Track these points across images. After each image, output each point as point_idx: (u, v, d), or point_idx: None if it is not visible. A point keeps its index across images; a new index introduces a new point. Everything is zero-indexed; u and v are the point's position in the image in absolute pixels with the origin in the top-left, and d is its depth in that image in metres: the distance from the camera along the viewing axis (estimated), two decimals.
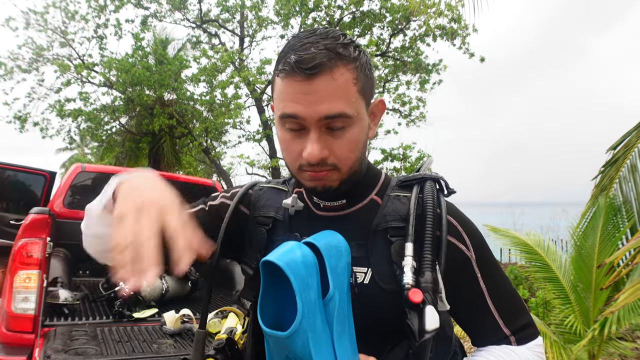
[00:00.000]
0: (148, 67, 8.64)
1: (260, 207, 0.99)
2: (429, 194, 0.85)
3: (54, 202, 3.86)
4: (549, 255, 3.78)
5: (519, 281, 7.89)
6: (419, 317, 0.74)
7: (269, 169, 9.79)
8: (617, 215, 3.38)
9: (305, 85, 0.76)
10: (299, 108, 0.77)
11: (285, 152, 0.85)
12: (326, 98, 0.76)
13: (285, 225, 0.94)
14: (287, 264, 0.71)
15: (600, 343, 3.15)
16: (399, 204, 0.88)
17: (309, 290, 0.72)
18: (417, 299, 0.74)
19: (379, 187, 0.93)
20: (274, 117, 0.87)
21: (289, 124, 0.80)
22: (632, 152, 3.33)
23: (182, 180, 4.80)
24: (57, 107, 9.15)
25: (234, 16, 9.79)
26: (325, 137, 0.79)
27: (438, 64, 9.65)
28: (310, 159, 0.78)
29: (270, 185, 1.03)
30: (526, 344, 0.88)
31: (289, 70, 0.77)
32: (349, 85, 0.78)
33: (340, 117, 0.78)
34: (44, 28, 9.09)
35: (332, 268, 0.77)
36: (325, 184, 0.83)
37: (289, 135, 0.82)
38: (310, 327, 0.71)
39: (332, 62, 0.76)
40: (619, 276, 2.12)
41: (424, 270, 0.77)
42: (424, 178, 0.90)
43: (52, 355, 2.27)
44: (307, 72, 0.75)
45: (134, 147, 11.65)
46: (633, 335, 5.62)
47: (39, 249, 2.72)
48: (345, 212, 0.90)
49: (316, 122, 0.78)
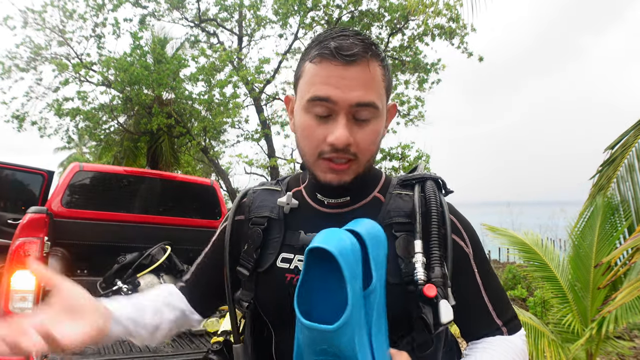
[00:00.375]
0: (146, 66, 8.63)
1: (255, 209, 0.99)
2: (431, 193, 0.89)
3: (52, 201, 3.85)
4: (547, 255, 3.78)
5: (517, 280, 7.91)
6: (433, 310, 0.77)
7: (267, 168, 9.79)
8: (614, 215, 3.39)
9: (343, 70, 0.79)
10: (333, 91, 0.79)
11: (306, 138, 0.85)
12: (361, 86, 0.80)
13: (281, 223, 0.95)
14: (340, 252, 0.67)
15: (598, 342, 3.16)
16: (401, 202, 0.91)
17: (356, 280, 0.69)
18: (432, 293, 0.76)
19: (380, 185, 0.96)
20: (296, 103, 0.89)
21: (318, 107, 0.81)
22: (630, 151, 3.33)
23: (180, 179, 4.80)
24: (55, 106, 9.12)
25: (232, 15, 9.77)
26: (351, 125, 0.81)
27: (436, 63, 9.65)
28: (337, 142, 0.79)
29: (263, 188, 1.04)
30: (515, 333, 0.94)
31: (327, 54, 0.80)
32: (379, 80, 0.83)
33: (370, 106, 0.81)
34: (42, 27, 9.06)
35: (375, 258, 0.75)
36: (341, 178, 0.84)
37: (314, 121, 0.83)
38: (357, 320, 0.69)
39: (368, 55, 0.80)
40: (616, 275, 2.12)
41: (434, 266, 0.81)
42: (424, 178, 0.93)
43: (49, 355, 2.27)
44: (346, 59, 0.79)
45: (132, 147, 11.63)
46: (631, 334, 5.64)
47: (37, 248, 2.72)
48: (349, 208, 0.92)
49: (347, 108, 0.80)
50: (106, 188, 4.22)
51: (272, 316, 0.94)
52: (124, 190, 4.33)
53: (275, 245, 0.93)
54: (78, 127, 9.90)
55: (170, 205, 4.45)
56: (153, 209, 4.29)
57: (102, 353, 2.38)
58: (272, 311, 0.94)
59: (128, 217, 4.07)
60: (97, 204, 4.02)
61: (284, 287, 0.89)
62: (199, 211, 4.55)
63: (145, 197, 4.33)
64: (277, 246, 0.92)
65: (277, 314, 0.92)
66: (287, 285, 0.89)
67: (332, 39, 0.81)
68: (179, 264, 3.78)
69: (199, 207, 4.60)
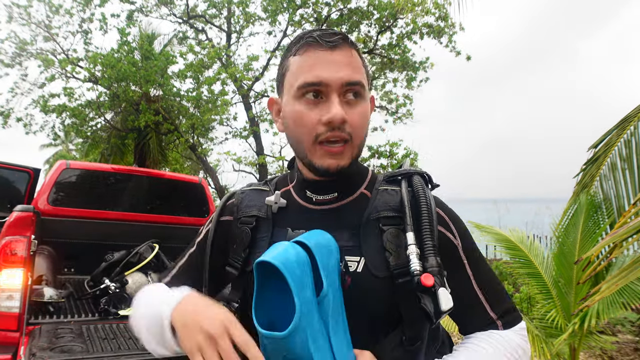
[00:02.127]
0: (134, 62, 8.55)
1: (243, 209, 1.00)
2: (419, 186, 0.90)
3: (38, 199, 3.82)
4: (532, 251, 3.84)
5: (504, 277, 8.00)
6: (432, 299, 0.78)
7: (256, 165, 9.76)
8: (597, 212, 3.45)
9: (329, 54, 0.84)
10: (323, 74, 0.83)
11: (300, 125, 0.86)
12: (347, 66, 0.85)
13: (269, 222, 0.96)
14: (283, 264, 0.71)
15: (581, 337, 3.22)
16: (388, 196, 0.92)
17: (305, 289, 0.73)
18: (429, 282, 0.77)
19: (367, 182, 0.97)
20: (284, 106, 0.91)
21: (309, 92, 0.84)
22: (613, 150, 3.39)
23: (168, 177, 4.78)
24: (41, 102, 9.00)
25: (221, 12, 9.72)
26: (343, 105, 0.84)
27: (425, 61, 9.70)
28: (335, 118, 0.82)
29: (251, 188, 1.04)
30: (512, 327, 0.92)
31: (312, 41, 0.85)
32: (361, 64, 0.89)
33: (358, 85, 0.85)
34: (28, 22, 8.94)
35: (324, 266, 0.78)
36: (339, 162, 0.86)
37: (305, 107, 0.85)
38: (309, 325, 0.72)
39: (349, 43, 0.87)
40: (595, 271, 2.17)
41: (428, 256, 0.81)
42: (410, 173, 0.95)
43: (37, 353, 2.26)
44: (330, 43, 0.84)
45: (120, 144, 11.53)
46: (614, 329, 5.75)
47: (24, 246, 2.70)
48: (337, 204, 0.94)
49: (339, 88, 0.84)
50: (93, 186, 4.19)
51: None
52: (111, 188, 4.31)
53: (263, 244, 0.93)
54: (64, 123, 9.78)
55: (158, 203, 4.43)
56: (141, 207, 4.28)
57: (90, 351, 2.37)
58: None
59: (115, 215, 4.06)
60: (84, 202, 4.00)
61: None
62: (187, 209, 4.54)
63: (133, 195, 4.31)
64: (265, 245, 0.92)
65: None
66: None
67: (313, 31, 0.86)
68: (167, 262, 3.78)
69: (187, 205, 4.59)
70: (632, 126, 3.28)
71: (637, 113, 3.23)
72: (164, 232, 4.10)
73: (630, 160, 3.26)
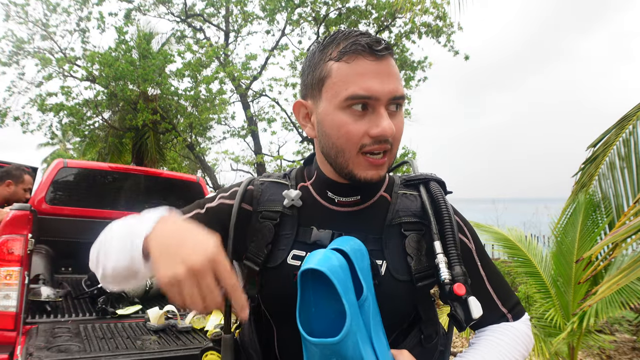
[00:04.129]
0: (131, 61, 8.53)
1: (265, 202, 0.97)
2: (439, 194, 0.92)
3: (36, 198, 3.81)
4: (530, 251, 3.85)
5: None
6: (462, 307, 0.81)
7: (254, 165, 9.75)
8: (596, 212, 3.46)
9: (378, 65, 0.82)
10: (374, 87, 0.81)
11: (345, 135, 0.84)
12: (394, 78, 0.83)
13: (294, 219, 0.94)
14: (330, 270, 0.72)
15: (580, 336, 3.22)
16: (407, 202, 0.95)
17: (349, 293, 0.74)
18: (462, 292, 0.80)
19: (385, 185, 0.98)
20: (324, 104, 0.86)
21: (357, 104, 0.82)
22: (611, 149, 3.40)
23: (166, 176, 4.76)
24: (38, 101, 8.98)
25: (219, 11, 9.71)
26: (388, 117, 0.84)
27: (423, 61, 9.70)
28: (386, 133, 0.81)
29: (271, 180, 1.02)
30: (520, 318, 0.99)
31: (362, 50, 0.81)
32: (400, 74, 0.88)
33: (402, 98, 0.85)
34: (25, 20, 8.91)
35: (361, 270, 0.80)
36: (380, 173, 0.86)
37: (351, 118, 0.83)
38: (358, 328, 0.73)
39: (391, 52, 0.85)
40: (596, 270, 2.17)
41: (454, 265, 0.84)
42: (427, 179, 0.97)
43: (34, 352, 2.25)
44: (378, 54, 0.81)
45: (117, 143, 11.49)
46: (612, 328, 5.76)
47: (21, 245, 2.68)
48: (359, 207, 0.95)
49: (387, 101, 0.82)
50: (91, 185, 4.18)
51: (276, 312, 0.95)
52: (109, 187, 4.30)
53: (287, 241, 0.93)
54: (62, 122, 9.75)
55: (156, 202, 4.41)
56: (139, 206, 4.24)
57: (87, 350, 2.36)
58: (277, 307, 0.94)
59: (113, 214, 4.03)
60: (82, 200, 3.98)
61: (292, 285, 0.86)
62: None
63: (130, 194, 4.30)
64: (290, 243, 0.92)
65: (282, 310, 0.92)
66: (295, 282, 0.88)
67: (359, 36, 0.83)
68: None
69: (185, 204, 4.55)
70: (630, 125, 3.28)
71: (636, 112, 3.23)
72: None
73: (629, 159, 3.26)
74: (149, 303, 3.31)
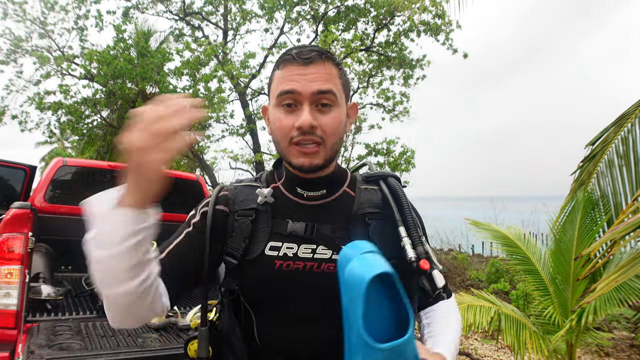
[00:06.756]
0: (130, 59, 8.52)
1: (240, 202, 1.08)
2: (398, 188, 1.06)
3: (35, 196, 3.80)
4: (529, 248, 3.86)
5: (500, 274, 8.02)
6: (428, 279, 0.92)
7: (252, 163, 9.75)
8: (594, 209, 3.47)
9: (302, 69, 0.97)
10: (296, 85, 0.96)
11: (278, 129, 0.99)
12: (319, 79, 0.97)
13: (268, 215, 1.05)
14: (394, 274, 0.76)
15: (578, 333, 3.24)
16: (369, 195, 1.09)
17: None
18: (427, 266, 0.92)
19: (348, 181, 1.12)
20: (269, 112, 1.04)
21: (286, 100, 0.97)
22: (610, 147, 3.41)
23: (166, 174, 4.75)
24: (37, 99, 8.97)
25: (217, 9, 9.70)
26: (315, 112, 0.97)
27: (422, 59, 9.71)
28: (303, 124, 0.94)
29: (244, 184, 1.13)
30: (451, 297, 1.14)
31: (289, 59, 0.98)
32: (335, 76, 1.00)
33: (329, 93, 0.97)
34: (23, 18, 8.89)
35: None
36: (312, 161, 0.98)
37: (282, 113, 0.98)
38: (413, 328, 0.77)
39: (323, 57, 0.99)
40: (594, 268, 2.18)
41: (417, 245, 0.95)
42: (384, 175, 1.11)
43: (36, 350, 2.25)
44: (304, 60, 0.97)
45: (116, 141, 11.46)
46: (610, 325, 5.78)
47: (21, 244, 2.68)
48: (325, 200, 1.07)
49: (310, 97, 0.96)
50: (90, 183, 4.17)
51: (257, 301, 1.04)
52: (108, 186, 4.22)
53: (264, 234, 1.03)
54: (60, 121, 9.74)
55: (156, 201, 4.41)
56: None
57: (89, 348, 2.36)
58: (258, 296, 1.03)
59: None
60: (81, 199, 3.95)
61: (273, 273, 1.00)
62: (184, 206, 4.51)
63: None
64: (266, 235, 1.03)
65: (264, 298, 1.02)
66: (276, 271, 1.00)
67: (294, 49, 0.99)
68: None
69: (185, 202, 4.57)
70: (629, 123, 3.29)
71: (635, 110, 3.24)
72: (161, 229, 4.07)
73: (628, 157, 3.27)
74: None
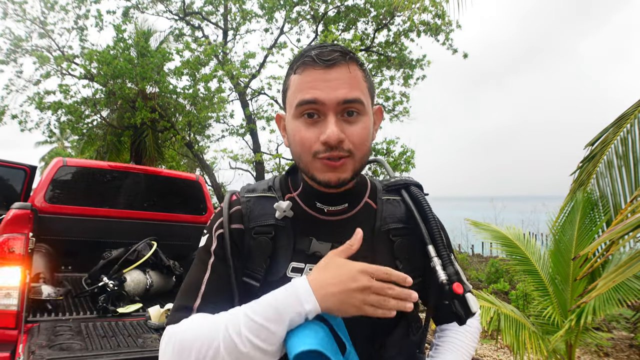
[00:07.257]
0: (130, 59, 8.51)
1: (256, 218, 0.96)
2: (422, 200, 0.98)
3: (35, 197, 3.81)
4: (529, 249, 3.86)
5: (500, 274, 8.03)
6: (461, 303, 0.86)
7: (252, 163, 9.75)
8: (594, 210, 3.47)
9: (325, 73, 0.85)
10: (318, 93, 0.85)
11: (299, 143, 0.88)
12: (344, 85, 0.85)
13: (289, 230, 0.94)
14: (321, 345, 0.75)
15: (577, 333, 3.25)
16: (392, 207, 1.00)
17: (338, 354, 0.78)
18: (460, 290, 0.85)
19: (369, 191, 1.02)
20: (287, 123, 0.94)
21: (307, 110, 0.86)
22: (609, 148, 3.41)
23: (166, 174, 4.77)
24: (36, 99, 8.96)
25: (217, 9, 9.69)
26: (341, 123, 0.86)
27: (422, 59, 9.71)
28: (330, 139, 0.83)
29: (257, 195, 1.00)
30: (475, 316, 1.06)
31: (309, 62, 0.86)
32: (361, 80, 0.90)
33: (357, 102, 0.86)
34: (23, 18, 8.88)
35: (337, 326, 0.82)
36: (340, 176, 0.87)
37: (303, 125, 0.87)
38: None
39: (347, 59, 0.87)
40: (592, 267, 2.19)
41: (447, 265, 0.89)
42: (406, 184, 1.03)
43: (36, 350, 2.26)
44: (326, 62, 0.85)
45: (116, 141, 11.50)
46: (609, 325, 5.79)
47: (21, 244, 2.69)
48: (347, 215, 0.98)
49: (335, 107, 0.85)
50: (90, 183, 4.18)
51: None
52: (108, 186, 4.30)
53: (286, 253, 0.93)
54: (60, 121, 9.73)
55: (156, 201, 4.42)
56: (138, 205, 4.27)
57: (89, 349, 2.37)
58: None
59: (113, 212, 4.05)
60: (81, 199, 3.98)
61: None
62: (184, 206, 4.53)
63: (130, 193, 4.30)
64: (288, 254, 0.92)
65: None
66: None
67: (312, 49, 0.88)
68: (165, 260, 3.77)
69: (185, 202, 4.58)
70: (628, 124, 3.30)
71: (634, 111, 3.25)
72: (161, 230, 4.10)
73: (627, 158, 3.28)
74: (150, 301, 3.32)
